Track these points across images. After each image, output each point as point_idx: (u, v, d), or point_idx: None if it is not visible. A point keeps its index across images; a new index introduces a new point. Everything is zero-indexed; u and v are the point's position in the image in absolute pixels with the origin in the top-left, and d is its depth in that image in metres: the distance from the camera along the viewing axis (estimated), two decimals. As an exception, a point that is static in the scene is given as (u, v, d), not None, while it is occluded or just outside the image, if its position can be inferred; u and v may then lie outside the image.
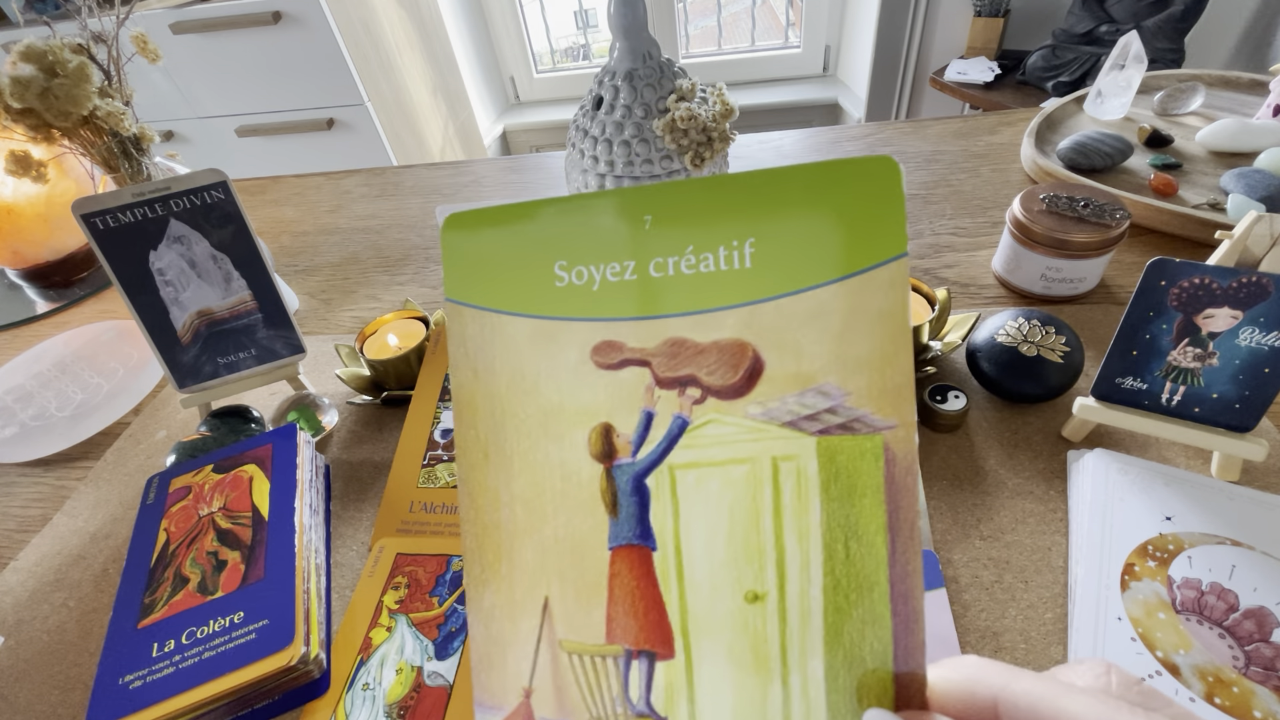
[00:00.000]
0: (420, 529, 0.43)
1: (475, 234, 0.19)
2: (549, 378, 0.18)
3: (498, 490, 0.19)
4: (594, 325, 0.18)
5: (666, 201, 0.18)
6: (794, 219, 0.17)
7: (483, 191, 0.88)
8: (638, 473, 0.18)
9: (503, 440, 0.19)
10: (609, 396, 0.18)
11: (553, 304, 0.18)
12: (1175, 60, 1.38)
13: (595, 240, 0.18)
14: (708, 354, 0.17)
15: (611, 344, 0.18)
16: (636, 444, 0.18)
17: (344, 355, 0.57)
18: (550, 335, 0.18)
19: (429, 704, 0.34)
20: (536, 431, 0.19)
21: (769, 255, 0.17)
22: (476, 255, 0.19)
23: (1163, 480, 0.38)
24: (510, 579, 0.19)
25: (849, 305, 0.16)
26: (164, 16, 1.45)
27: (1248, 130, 0.67)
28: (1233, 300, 0.36)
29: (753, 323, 0.17)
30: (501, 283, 0.19)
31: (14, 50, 0.47)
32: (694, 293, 0.17)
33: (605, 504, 0.18)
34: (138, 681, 0.34)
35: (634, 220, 0.18)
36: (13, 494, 0.54)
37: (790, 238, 0.17)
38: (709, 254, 0.17)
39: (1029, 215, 0.53)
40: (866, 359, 0.16)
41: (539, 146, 2.22)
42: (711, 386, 0.17)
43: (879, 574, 0.16)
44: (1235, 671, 0.31)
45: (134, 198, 0.46)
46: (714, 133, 0.48)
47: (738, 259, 0.17)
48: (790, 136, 0.90)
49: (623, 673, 0.18)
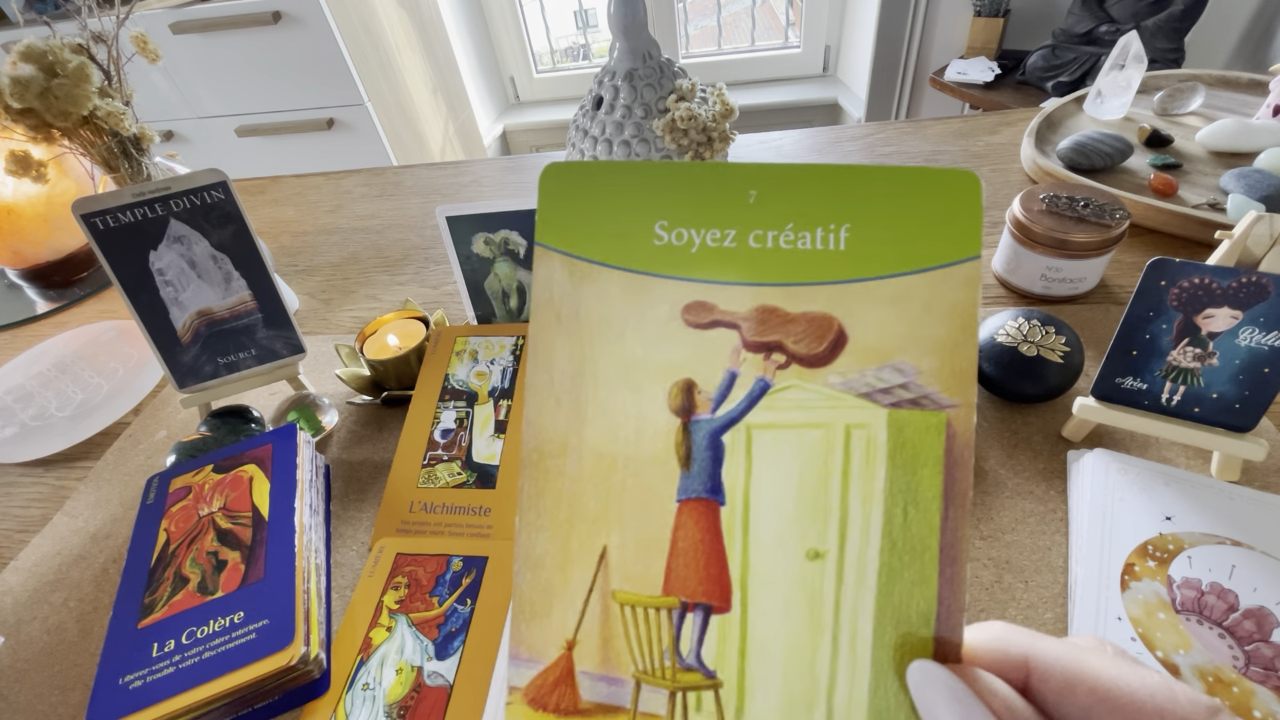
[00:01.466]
0: (420, 529, 0.43)
1: (576, 184, 0.20)
2: (636, 330, 0.19)
3: (566, 436, 0.19)
4: (688, 285, 0.19)
5: (773, 180, 0.19)
6: (888, 213, 0.18)
7: (483, 191, 0.88)
8: (716, 429, 0.19)
9: (579, 387, 0.19)
10: (695, 354, 0.19)
11: (649, 260, 0.19)
12: (1175, 60, 1.38)
13: (700, 206, 0.19)
14: (796, 323, 0.18)
15: (703, 304, 0.19)
16: (717, 401, 0.19)
17: (344, 355, 0.57)
18: (643, 289, 0.19)
19: (429, 704, 0.34)
20: (616, 381, 0.19)
21: (861, 242, 0.18)
22: (575, 205, 0.19)
23: (1163, 480, 0.38)
24: (569, 526, 0.19)
25: (928, 294, 0.18)
26: (164, 16, 1.45)
27: (1247, 130, 0.67)
28: (1233, 300, 0.36)
29: (841, 300, 0.18)
30: (599, 234, 0.19)
31: (14, 50, 0.47)
32: (789, 266, 0.18)
33: (679, 457, 0.19)
34: (138, 681, 0.34)
35: (739, 193, 0.19)
36: (13, 494, 0.54)
37: (882, 229, 0.18)
38: (807, 233, 0.18)
39: (1029, 215, 0.53)
40: (939, 343, 0.18)
41: (539, 146, 2.22)
42: (796, 353, 0.18)
43: (931, 539, 0.18)
44: (1235, 671, 0.31)
45: (134, 198, 0.46)
46: (714, 133, 0.48)
47: (833, 241, 0.18)
48: (790, 136, 0.90)
49: (675, 625, 0.18)
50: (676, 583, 0.18)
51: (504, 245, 0.52)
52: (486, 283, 0.53)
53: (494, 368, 0.51)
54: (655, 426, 0.19)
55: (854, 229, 0.18)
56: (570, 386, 0.19)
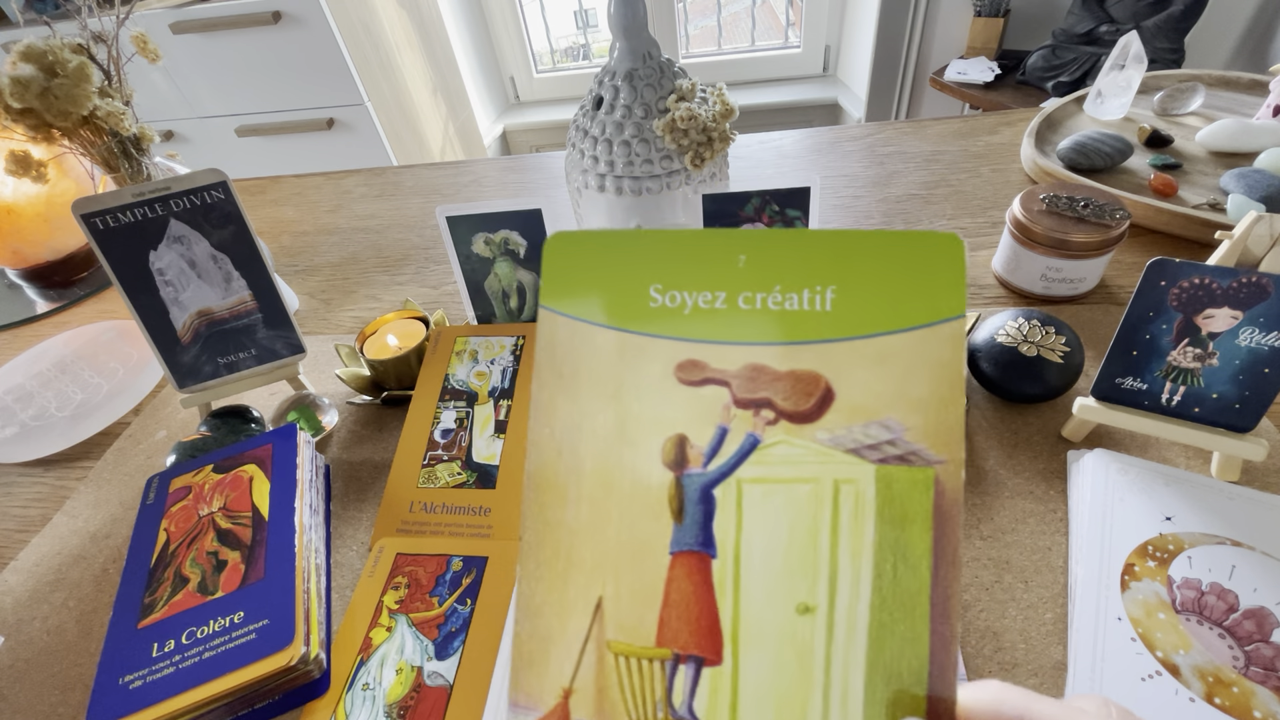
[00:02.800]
0: (420, 529, 0.43)
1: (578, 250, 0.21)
2: (631, 387, 0.20)
3: (565, 488, 0.20)
4: (681, 344, 0.20)
5: (761, 244, 0.20)
6: (872, 274, 0.19)
7: (483, 191, 0.88)
8: (707, 482, 0.19)
9: (577, 441, 0.20)
10: (687, 410, 0.20)
11: (645, 321, 0.20)
12: (1175, 60, 1.38)
13: (692, 269, 0.20)
14: (784, 380, 0.19)
15: (696, 363, 0.20)
16: (708, 456, 0.19)
17: (344, 355, 0.57)
18: (639, 349, 0.20)
19: (429, 704, 0.34)
20: (612, 436, 0.20)
21: (847, 302, 0.19)
22: (576, 270, 0.20)
23: (1163, 480, 0.38)
24: (566, 576, 0.19)
25: (913, 352, 0.19)
26: (164, 16, 1.45)
27: (1247, 130, 0.67)
28: (1233, 300, 0.36)
29: (828, 358, 0.19)
30: (597, 297, 0.20)
31: (14, 50, 0.47)
32: (776, 326, 0.19)
33: (671, 510, 0.19)
34: (138, 681, 0.34)
35: (730, 257, 0.20)
36: (13, 494, 0.54)
37: (867, 290, 0.19)
38: (794, 294, 0.19)
39: (1029, 215, 0.53)
40: (925, 400, 0.18)
41: (539, 146, 2.22)
42: (785, 410, 0.19)
43: (921, 596, 0.18)
44: (1235, 671, 0.31)
45: (134, 198, 0.46)
46: (714, 133, 0.48)
47: (819, 302, 0.19)
48: (790, 136, 0.90)
49: (668, 677, 0.19)
50: (669, 634, 0.19)
51: (504, 245, 0.52)
52: (486, 283, 0.53)
53: (494, 368, 0.51)
54: (649, 480, 0.19)
55: (840, 290, 0.19)
56: (570, 440, 0.20)
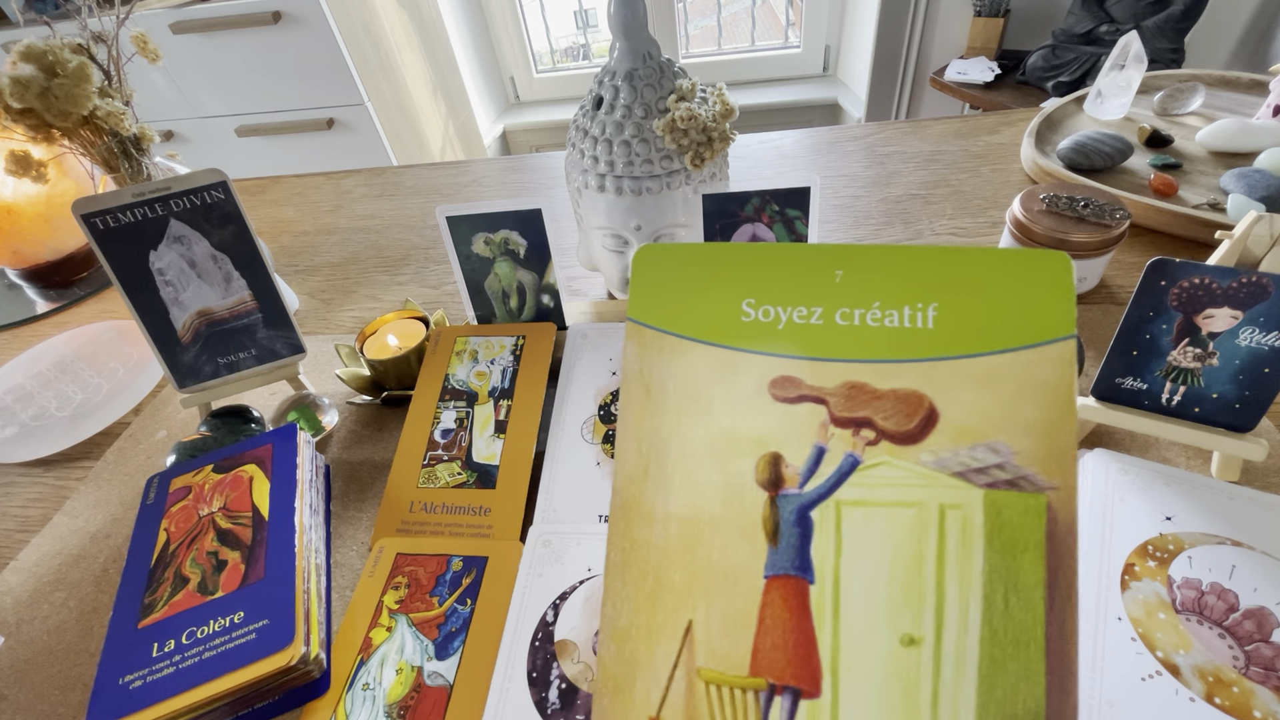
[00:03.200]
0: (420, 529, 0.43)
1: (668, 263, 0.20)
2: (723, 404, 0.19)
3: (653, 507, 0.19)
4: (775, 360, 0.19)
5: (860, 260, 0.19)
6: (976, 293, 0.18)
7: (483, 191, 0.88)
8: (804, 504, 0.18)
9: (665, 458, 0.19)
10: (782, 428, 0.19)
11: (737, 336, 0.19)
12: (1175, 60, 1.38)
13: (787, 284, 0.19)
14: (885, 400, 0.18)
15: (791, 379, 0.19)
16: (805, 476, 0.18)
17: (344, 355, 0.57)
18: (730, 365, 0.19)
19: (429, 704, 0.34)
20: (702, 453, 0.19)
21: (951, 320, 0.18)
22: (666, 283, 0.20)
23: (1163, 480, 0.38)
24: (654, 598, 0.18)
25: (1022, 374, 0.17)
26: (164, 16, 1.45)
27: (1248, 130, 0.67)
28: (1233, 300, 0.36)
29: (931, 377, 0.18)
30: (688, 311, 0.19)
31: (14, 50, 0.47)
32: (876, 343, 0.18)
33: (766, 532, 0.18)
34: (138, 681, 0.34)
35: (826, 272, 0.19)
36: (13, 494, 0.54)
37: (971, 308, 0.18)
38: (894, 311, 0.18)
39: (1029, 215, 0.53)
40: (1035, 424, 0.17)
41: (539, 146, 2.22)
42: (886, 430, 0.18)
43: (1036, 630, 0.16)
44: (1235, 671, 0.31)
45: (134, 198, 0.46)
46: (714, 133, 0.48)
47: (920, 319, 0.18)
48: (790, 136, 0.90)
49: (763, 708, 0.17)
50: (764, 663, 0.18)
51: (504, 245, 0.52)
52: (486, 283, 0.53)
53: (494, 368, 0.51)
54: (742, 500, 0.18)
55: (943, 308, 0.18)
56: (657, 458, 0.19)
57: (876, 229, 0.69)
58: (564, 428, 0.47)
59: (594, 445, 0.46)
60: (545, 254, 0.52)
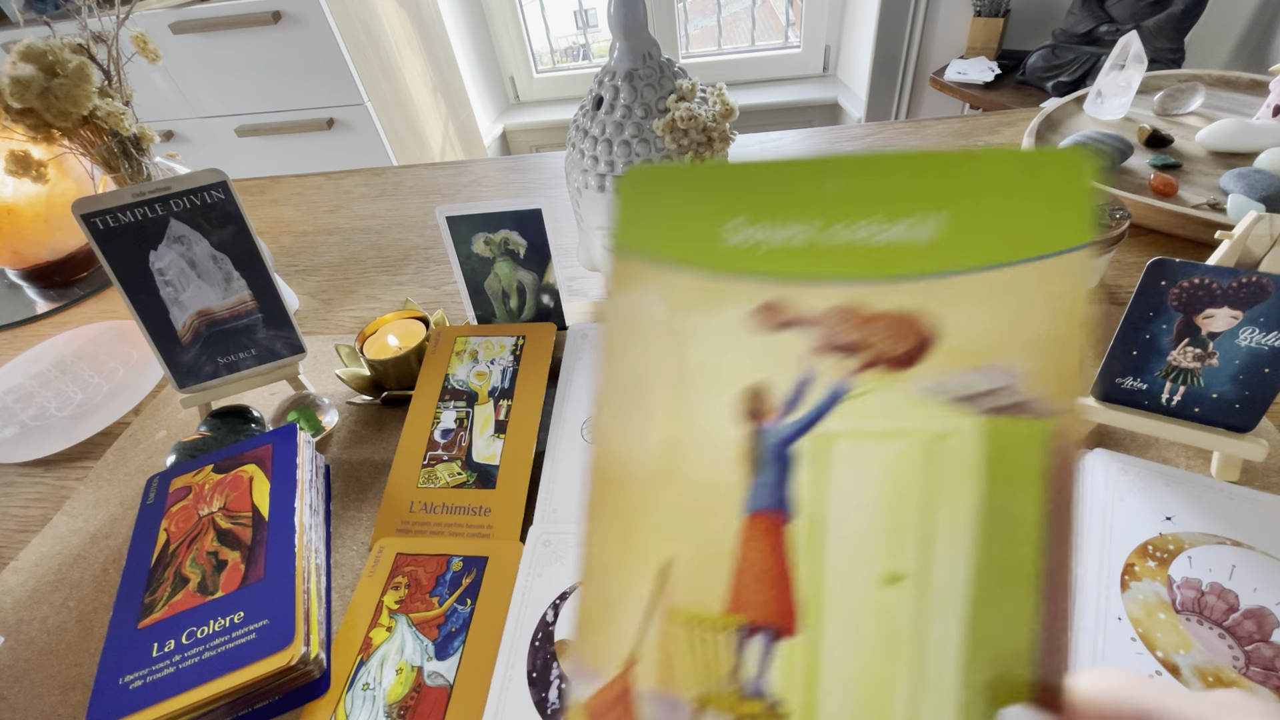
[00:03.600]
0: (420, 529, 0.43)
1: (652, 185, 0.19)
2: (704, 333, 0.18)
3: (629, 440, 0.18)
4: (760, 284, 0.18)
5: (860, 169, 0.17)
6: (986, 200, 0.16)
7: (483, 191, 0.88)
8: (785, 436, 0.17)
9: (644, 390, 0.18)
10: (765, 357, 0.17)
11: (719, 260, 0.18)
12: (1175, 60, 1.38)
13: (774, 201, 0.18)
14: (877, 322, 0.17)
15: (775, 305, 0.17)
16: (788, 407, 0.17)
17: (344, 355, 0.57)
18: (711, 291, 0.18)
19: (429, 704, 0.34)
20: (681, 385, 0.18)
21: (954, 232, 0.16)
22: (648, 206, 0.19)
23: (1163, 480, 0.38)
24: (629, 535, 0.18)
25: (1031, 287, 0.16)
26: (164, 16, 1.45)
27: (1248, 130, 0.67)
28: (1233, 300, 0.36)
29: (929, 296, 0.16)
30: (668, 235, 0.18)
31: (14, 50, 0.47)
32: (870, 261, 0.17)
33: (746, 466, 0.17)
34: (138, 681, 0.34)
35: (817, 184, 0.17)
36: (13, 494, 0.54)
37: (979, 218, 0.16)
38: (893, 224, 0.17)
39: (1029, 215, 0.53)
40: (1043, 342, 0.15)
41: (539, 146, 2.22)
42: (878, 355, 0.17)
43: (1030, 566, 0.15)
44: (1235, 671, 0.31)
45: (134, 198, 0.46)
46: (714, 133, 0.48)
47: (921, 232, 0.17)
48: (790, 136, 0.90)
49: (738, 648, 0.17)
50: (740, 601, 0.17)
51: (504, 245, 0.52)
52: (486, 283, 0.53)
53: (494, 368, 0.51)
54: (722, 434, 0.17)
55: (947, 219, 0.16)
56: (636, 389, 0.18)
57: (876, 229, 0.69)
58: (564, 428, 0.47)
59: (594, 445, 0.46)
60: (545, 254, 0.52)
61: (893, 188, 0.17)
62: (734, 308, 0.18)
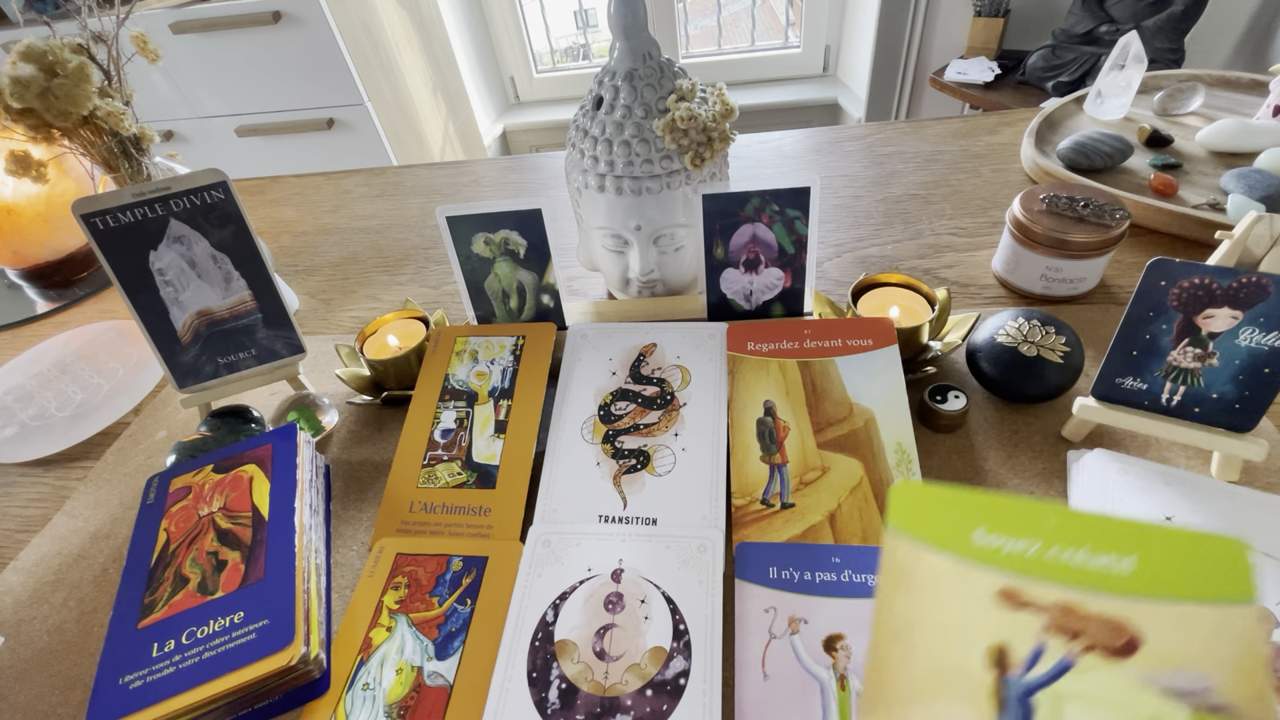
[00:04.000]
0: (420, 529, 0.43)
1: (919, 497, 0.26)
2: (961, 599, 0.24)
3: (898, 667, 0.24)
4: (1001, 574, 0.24)
5: (1065, 515, 0.24)
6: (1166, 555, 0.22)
7: (483, 191, 0.88)
8: (1026, 687, 0.22)
9: (912, 632, 0.24)
10: (1008, 626, 0.23)
11: (969, 551, 0.24)
12: (1175, 60, 1.38)
13: (1009, 521, 0.24)
14: (1093, 619, 0.22)
15: (1014, 591, 0.23)
16: (1027, 666, 0.22)
17: (344, 355, 0.57)
18: (965, 571, 0.24)
19: (429, 704, 0.34)
20: (942, 632, 0.24)
21: (1144, 571, 0.22)
22: (918, 509, 0.26)
23: (1162, 480, 0.38)
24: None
25: (1216, 621, 0.21)
26: (164, 16, 1.45)
27: (1248, 130, 0.67)
28: (1233, 300, 0.36)
29: (1133, 609, 0.22)
30: (935, 528, 0.25)
31: (14, 50, 0.47)
32: (1085, 576, 0.23)
33: (994, 700, 0.22)
34: (138, 681, 0.34)
35: (1040, 518, 0.24)
36: (13, 494, 0.54)
37: (1163, 566, 0.22)
38: (1098, 555, 0.23)
39: (1029, 215, 0.53)
40: (1233, 663, 0.21)
41: (539, 146, 2.22)
42: (1097, 642, 0.22)
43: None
44: (1235, 672, 0.31)
45: (134, 198, 0.46)
46: (714, 133, 0.48)
47: (1122, 566, 0.23)
48: (790, 136, 0.90)
49: None
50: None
51: (504, 245, 0.52)
52: (486, 283, 0.53)
53: (494, 368, 0.51)
54: (973, 675, 0.22)
55: (1140, 561, 0.22)
56: (906, 629, 0.24)
57: (876, 229, 0.69)
58: (564, 428, 0.47)
59: (594, 445, 0.46)
60: (545, 254, 0.52)
61: (1095, 532, 0.23)
62: (984, 586, 0.24)
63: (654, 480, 0.43)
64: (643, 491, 0.43)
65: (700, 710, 0.32)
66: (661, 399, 0.48)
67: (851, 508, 0.40)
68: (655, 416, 0.47)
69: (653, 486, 0.43)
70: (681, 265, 0.56)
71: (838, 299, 0.59)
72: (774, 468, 0.42)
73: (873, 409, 0.43)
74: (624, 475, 0.44)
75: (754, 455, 0.43)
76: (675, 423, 0.46)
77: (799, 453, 0.42)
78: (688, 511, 0.41)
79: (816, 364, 0.46)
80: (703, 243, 0.51)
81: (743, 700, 0.33)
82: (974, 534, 0.25)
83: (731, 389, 0.47)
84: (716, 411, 0.46)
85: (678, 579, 0.38)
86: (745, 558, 0.38)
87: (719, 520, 0.41)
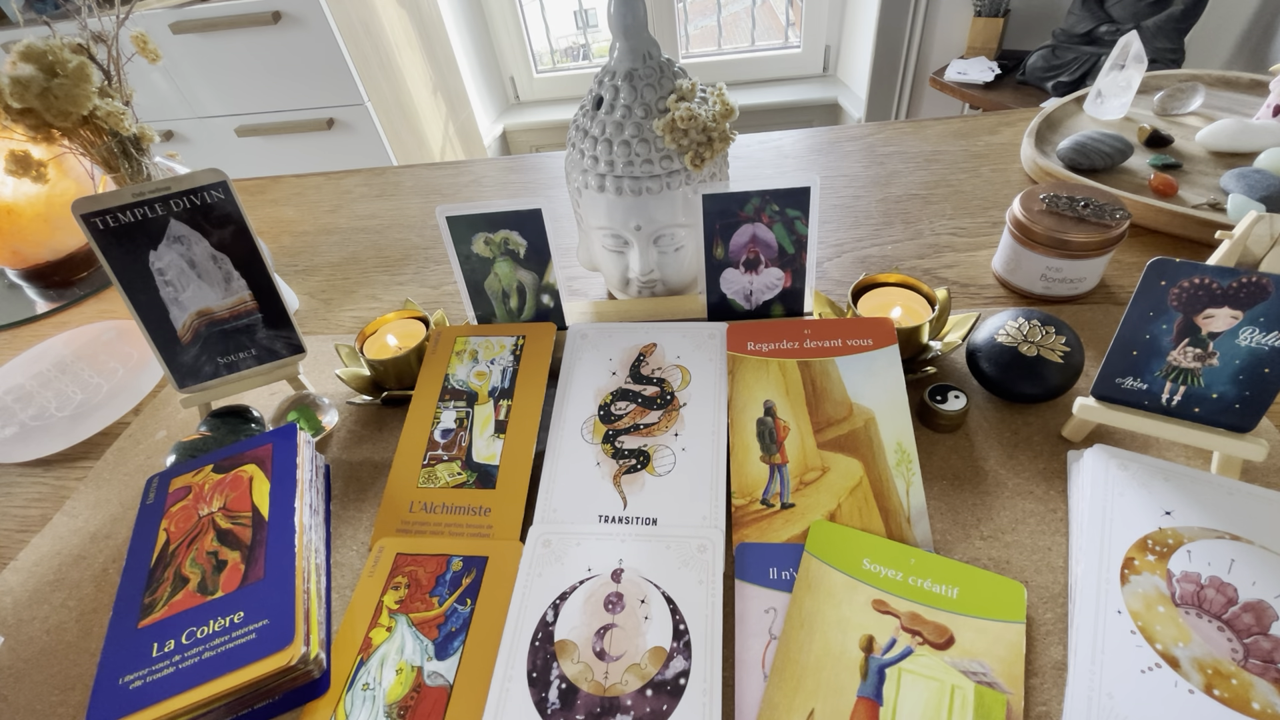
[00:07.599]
0: (420, 529, 0.43)
1: (830, 534, 0.39)
2: (848, 603, 0.35)
3: (802, 643, 0.34)
4: (875, 590, 0.36)
5: (922, 557, 0.37)
6: (976, 588, 0.36)
7: (483, 191, 0.88)
8: (882, 664, 0.33)
9: (814, 622, 0.35)
10: (876, 624, 0.35)
11: (858, 572, 0.37)
12: (1175, 60, 1.38)
13: (885, 556, 0.37)
14: (929, 624, 0.34)
15: (884, 601, 0.35)
16: (884, 650, 0.34)
17: (344, 355, 0.57)
18: (853, 585, 0.36)
19: (429, 704, 0.34)
20: (831, 625, 0.35)
21: (962, 597, 0.35)
22: (831, 539, 0.38)
23: (1162, 475, 0.38)
24: (797, 690, 0.33)
25: (999, 630, 0.34)
26: (164, 16, 1.45)
27: (1248, 130, 0.67)
28: (1233, 300, 0.36)
29: (953, 620, 0.34)
30: (837, 554, 0.38)
31: (14, 50, 0.47)
32: (928, 597, 0.35)
33: (861, 672, 0.33)
34: (138, 681, 0.34)
35: (906, 556, 0.37)
36: (13, 494, 0.54)
37: (974, 595, 0.36)
38: (939, 587, 0.36)
39: (1029, 215, 0.53)
40: (1004, 658, 0.33)
41: (539, 146, 2.22)
42: (928, 639, 0.34)
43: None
44: (1234, 664, 0.31)
45: (134, 198, 0.46)
46: (714, 133, 0.48)
47: (948, 593, 0.36)
48: (790, 136, 0.90)
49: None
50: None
51: (504, 245, 0.52)
52: (486, 283, 0.53)
53: (494, 368, 0.51)
54: (849, 654, 0.34)
55: (960, 591, 0.36)
56: (809, 619, 0.35)
57: (876, 229, 0.69)
58: (564, 428, 0.47)
59: (594, 445, 0.46)
60: (545, 254, 0.52)
61: (935, 569, 0.37)
62: (862, 596, 0.36)
63: (654, 480, 0.43)
64: (643, 491, 0.43)
65: (700, 710, 0.32)
66: (661, 399, 0.48)
67: (851, 508, 0.40)
68: (655, 416, 0.47)
69: (653, 486, 0.43)
70: (681, 265, 0.56)
71: (838, 299, 0.59)
72: (774, 468, 0.42)
73: (873, 409, 0.44)
74: (624, 475, 0.44)
75: (754, 455, 0.43)
76: (675, 423, 0.46)
77: (799, 453, 0.42)
78: (688, 511, 0.41)
79: (816, 364, 0.46)
80: (703, 243, 0.51)
81: (743, 700, 0.33)
82: (863, 561, 0.37)
83: (731, 389, 0.47)
84: (716, 411, 0.46)
85: (678, 579, 0.38)
86: (745, 558, 0.38)
87: (719, 520, 0.41)
